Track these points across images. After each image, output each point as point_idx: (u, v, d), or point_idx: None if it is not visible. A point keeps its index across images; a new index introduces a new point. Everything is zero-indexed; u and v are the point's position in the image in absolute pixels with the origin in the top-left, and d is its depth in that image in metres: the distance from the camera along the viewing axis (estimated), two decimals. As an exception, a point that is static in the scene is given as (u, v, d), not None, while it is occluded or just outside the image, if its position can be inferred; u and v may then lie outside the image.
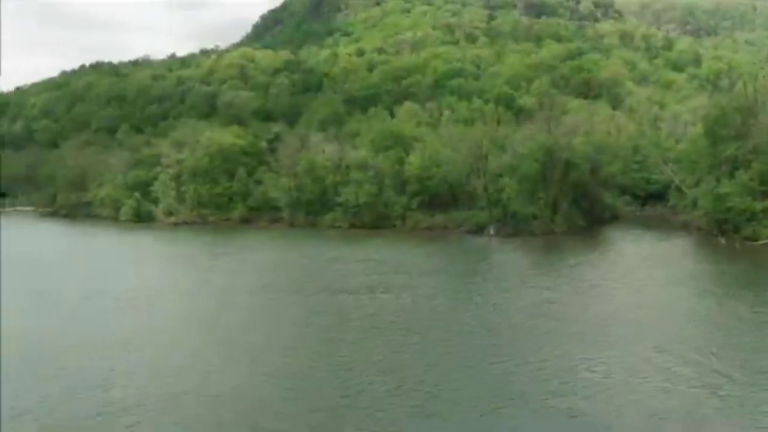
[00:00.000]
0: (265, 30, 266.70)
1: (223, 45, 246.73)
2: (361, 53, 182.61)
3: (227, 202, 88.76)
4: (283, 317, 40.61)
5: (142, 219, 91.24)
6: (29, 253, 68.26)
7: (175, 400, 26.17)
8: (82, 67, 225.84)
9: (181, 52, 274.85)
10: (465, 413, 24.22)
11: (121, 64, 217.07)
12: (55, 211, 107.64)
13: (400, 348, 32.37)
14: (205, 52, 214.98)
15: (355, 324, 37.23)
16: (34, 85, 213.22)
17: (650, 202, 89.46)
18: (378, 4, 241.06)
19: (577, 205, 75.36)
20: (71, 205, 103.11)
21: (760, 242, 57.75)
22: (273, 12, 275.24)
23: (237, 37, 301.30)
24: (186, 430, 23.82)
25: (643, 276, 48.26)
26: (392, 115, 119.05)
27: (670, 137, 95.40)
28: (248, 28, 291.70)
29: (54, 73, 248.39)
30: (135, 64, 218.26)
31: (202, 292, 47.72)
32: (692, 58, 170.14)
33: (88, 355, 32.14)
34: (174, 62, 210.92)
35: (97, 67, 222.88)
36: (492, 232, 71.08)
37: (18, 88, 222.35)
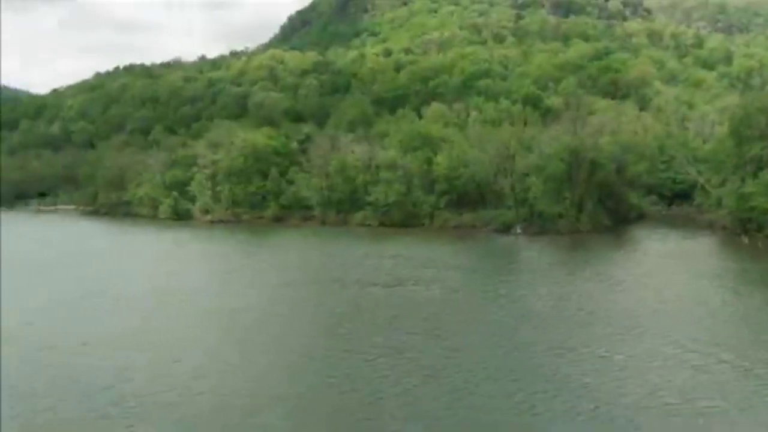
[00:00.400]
0: (293, 31, 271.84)
1: (251, 46, 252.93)
2: (388, 53, 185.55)
3: (260, 200, 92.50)
4: (318, 309, 43.56)
5: (180, 217, 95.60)
6: (72, 249, 72.89)
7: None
8: (116, 69, 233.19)
9: (209, 53, 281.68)
10: (489, 388, 26.90)
11: (153, 66, 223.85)
12: (96, 210, 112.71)
13: (428, 334, 35.21)
14: (234, 54, 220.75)
15: (385, 314, 40.08)
16: (70, 88, 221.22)
17: (677, 201, 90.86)
18: (405, 4, 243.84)
19: (602, 204, 77.38)
20: (111, 203, 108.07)
21: (783, 241, 59.10)
22: (300, 13, 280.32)
23: (265, 37, 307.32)
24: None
25: (666, 273, 50.30)
26: (420, 116, 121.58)
27: (698, 137, 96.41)
28: (275, 29, 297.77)
29: (87, 74, 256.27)
30: (166, 66, 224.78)
31: (236, 286, 50.82)
32: (723, 56, 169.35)
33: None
34: (204, 64, 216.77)
35: (129, 69, 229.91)
36: (519, 230, 73.45)
37: (54, 90, 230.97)
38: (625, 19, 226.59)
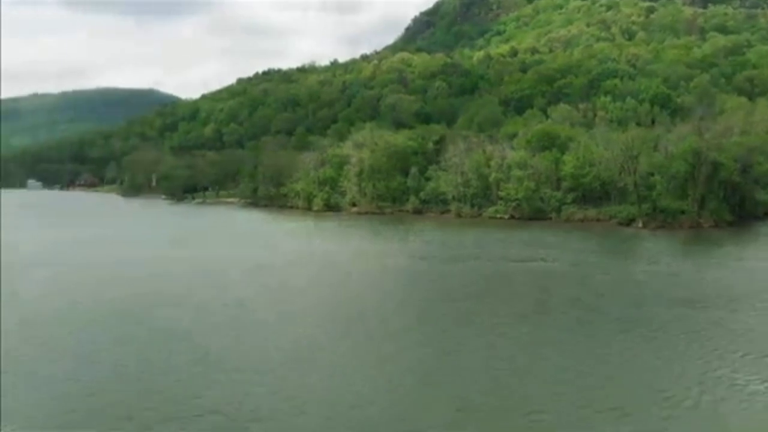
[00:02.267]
0: (417, 32, 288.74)
1: (376, 48, 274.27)
2: (514, 53, 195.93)
3: (401, 195, 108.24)
4: (467, 273, 57.18)
5: (330, 209, 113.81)
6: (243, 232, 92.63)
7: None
8: (256, 74, 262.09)
9: (335, 55, 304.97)
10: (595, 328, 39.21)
11: (290, 71, 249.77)
12: (255, 202, 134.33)
13: (549, 290, 48.05)
14: (365, 57, 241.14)
15: (519, 279, 53.24)
16: (219, 92, 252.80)
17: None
18: (530, 2, 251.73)
19: (726, 201, 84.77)
20: (270, 197, 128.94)
21: None
22: (424, 14, 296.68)
23: (389, 39, 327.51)
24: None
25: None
26: (546, 116, 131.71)
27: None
28: (400, 31, 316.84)
29: (226, 78, 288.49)
30: (301, 70, 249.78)
31: (397, 257, 65.77)
32: None
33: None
34: (336, 67, 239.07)
35: (268, 74, 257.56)
36: (640, 224, 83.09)
37: (203, 96, 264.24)
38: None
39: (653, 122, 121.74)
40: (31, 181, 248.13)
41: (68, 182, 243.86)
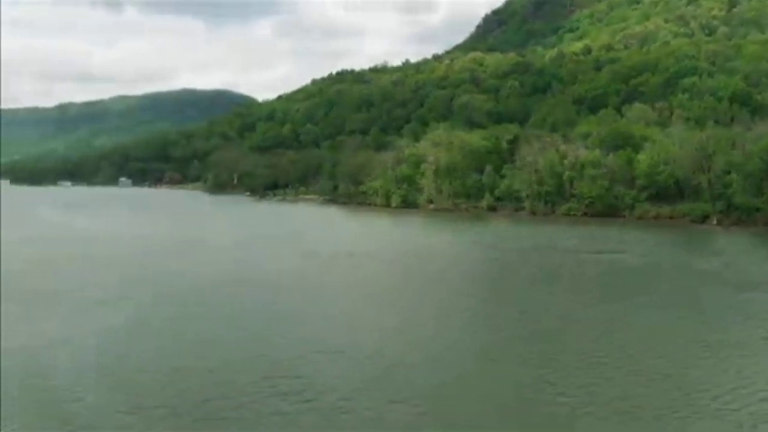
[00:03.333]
0: (488, 31, 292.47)
1: (445, 47, 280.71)
2: (588, 51, 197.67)
3: (476, 192, 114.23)
4: (543, 260, 62.92)
5: (408, 206, 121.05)
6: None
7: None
8: (330, 75, 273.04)
9: (404, 54, 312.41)
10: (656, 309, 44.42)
11: (363, 71, 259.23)
12: (334, 199, 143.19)
13: (616, 274, 53.23)
14: (437, 57, 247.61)
15: (590, 268, 58.54)
16: (294, 93, 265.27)
17: None
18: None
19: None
20: (349, 194, 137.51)
21: None
22: (495, 13, 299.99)
23: (459, 38, 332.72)
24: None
25: None
26: (621, 115, 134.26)
27: None
28: (471, 28, 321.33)
29: (299, 78, 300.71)
30: (374, 70, 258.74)
31: (473, 248, 72.21)
32: None
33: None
34: (408, 67, 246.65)
35: (341, 75, 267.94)
36: (714, 221, 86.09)
37: (280, 96, 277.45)
38: None
39: (732, 120, 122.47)
40: (122, 179, 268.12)
41: (156, 180, 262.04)
